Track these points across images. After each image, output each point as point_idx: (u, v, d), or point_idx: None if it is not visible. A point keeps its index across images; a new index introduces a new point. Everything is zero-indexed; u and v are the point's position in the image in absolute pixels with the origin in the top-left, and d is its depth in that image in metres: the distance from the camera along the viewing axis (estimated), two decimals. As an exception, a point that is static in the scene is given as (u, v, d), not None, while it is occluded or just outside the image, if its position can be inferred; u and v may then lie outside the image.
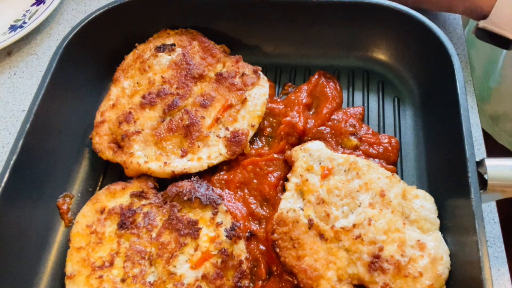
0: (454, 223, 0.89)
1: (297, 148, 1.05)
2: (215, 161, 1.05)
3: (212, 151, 1.06)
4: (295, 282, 0.91)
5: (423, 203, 0.91)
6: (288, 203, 0.97)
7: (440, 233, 0.89)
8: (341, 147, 1.08)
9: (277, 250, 0.92)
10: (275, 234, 0.94)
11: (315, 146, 1.04)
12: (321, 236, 0.91)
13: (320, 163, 1.00)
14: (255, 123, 1.11)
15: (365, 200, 0.93)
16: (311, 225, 0.92)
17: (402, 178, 1.05)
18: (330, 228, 0.91)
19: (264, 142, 1.13)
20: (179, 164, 1.04)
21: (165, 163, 1.04)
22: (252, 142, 1.13)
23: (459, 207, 0.87)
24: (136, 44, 1.24)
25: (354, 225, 0.89)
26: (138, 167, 1.04)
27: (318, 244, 0.90)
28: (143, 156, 1.05)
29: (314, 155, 1.01)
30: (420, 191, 0.94)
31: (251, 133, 1.10)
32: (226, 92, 1.14)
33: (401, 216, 0.89)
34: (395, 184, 0.94)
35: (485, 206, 1.03)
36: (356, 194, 0.94)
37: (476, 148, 1.11)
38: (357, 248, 0.87)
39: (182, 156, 1.05)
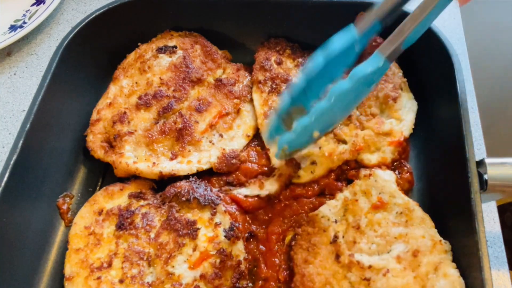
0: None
1: (368, 169, 1.00)
2: (204, 166, 1.04)
3: (203, 156, 1.05)
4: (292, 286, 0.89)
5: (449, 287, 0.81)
6: (329, 210, 0.95)
7: None
8: None
9: (293, 243, 0.92)
10: (300, 229, 0.93)
11: (386, 176, 0.98)
12: (337, 256, 0.88)
13: (379, 193, 0.95)
14: (250, 133, 1.10)
15: (396, 250, 0.86)
16: (334, 241, 0.90)
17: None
18: (349, 255, 0.87)
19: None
20: (167, 166, 1.03)
21: (154, 163, 1.03)
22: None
23: (460, 213, 0.86)
24: (139, 44, 1.24)
25: (370, 266, 0.85)
26: (126, 167, 1.03)
27: (329, 261, 0.88)
28: (133, 156, 1.05)
29: (379, 183, 0.96)
30: (453, 272, 0.82)
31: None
32: (223, 98, 1.13)
33: (420, 286, 0.81)
34: (435, 252, 0.85)
35: (485, 206, 1.02)
36: (392, 239, 0.88)
37: (476, 148, 1.10)
38: None
39: (171, 159, 1.04)
